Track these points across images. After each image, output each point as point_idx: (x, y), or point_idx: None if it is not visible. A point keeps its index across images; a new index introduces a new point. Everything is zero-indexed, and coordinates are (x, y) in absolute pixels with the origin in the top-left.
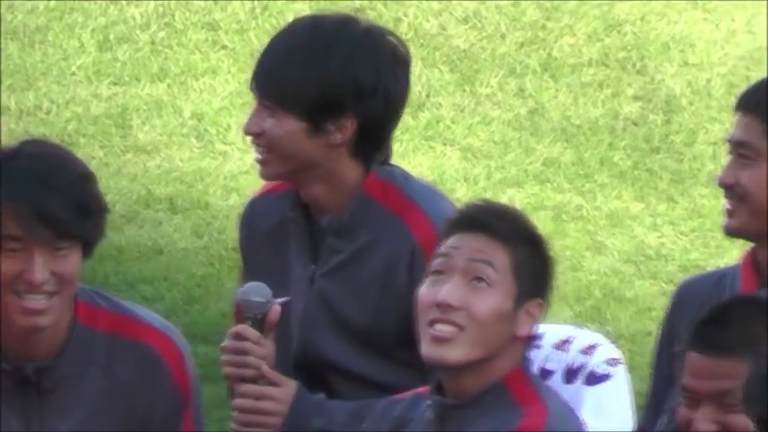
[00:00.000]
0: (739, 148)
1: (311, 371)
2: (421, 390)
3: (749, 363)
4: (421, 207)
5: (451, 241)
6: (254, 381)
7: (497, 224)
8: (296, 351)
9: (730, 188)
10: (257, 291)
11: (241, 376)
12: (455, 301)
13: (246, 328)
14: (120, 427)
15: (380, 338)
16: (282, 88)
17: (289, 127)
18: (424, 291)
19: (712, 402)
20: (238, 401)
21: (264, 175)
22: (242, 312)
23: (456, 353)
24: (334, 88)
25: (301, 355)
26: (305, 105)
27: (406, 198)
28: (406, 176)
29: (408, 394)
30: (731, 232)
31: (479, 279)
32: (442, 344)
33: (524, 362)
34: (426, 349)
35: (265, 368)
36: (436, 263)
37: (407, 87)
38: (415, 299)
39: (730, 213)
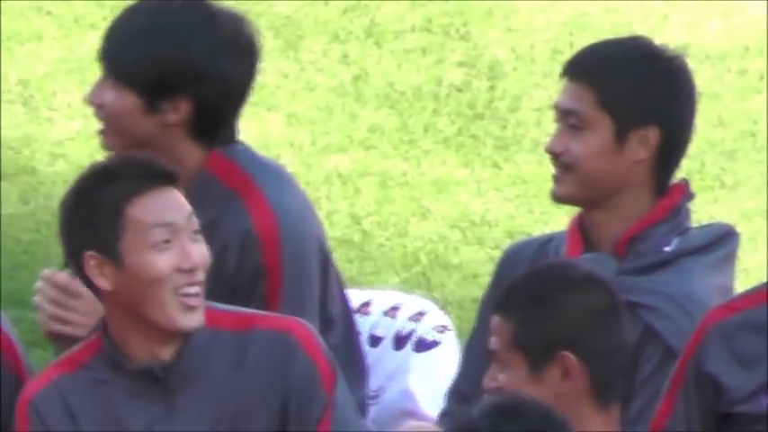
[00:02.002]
0: (569, 116)
1: None
2: None
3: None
4: (262, 190)
5: None
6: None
7: None
8: None
9: (558, 156)
10: None
11: (63, 336)
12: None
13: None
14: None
15: None
16: (122, 64)
17: (125, 102)
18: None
19: (494, 360)
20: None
21: (106, 146)
22: None
23: None
24: (169, 69)
25: None
26: (141, 83)
27: (248, 177)
28: (251, 155)
29: None
30: (560, 199)
31: None
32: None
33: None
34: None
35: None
36: None
37: (250, 74)
38: None
39: (557, 180)
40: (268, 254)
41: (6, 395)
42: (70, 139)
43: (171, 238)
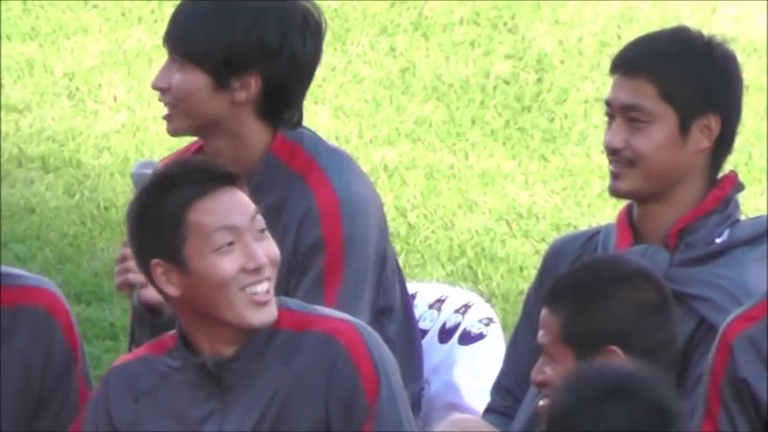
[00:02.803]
0: (629, 111)
1: None
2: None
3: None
4: (326, 173)
5: None
6: (142, 286)
7: None
8: None
9: (619, 151)
10: (151, 165)
11: (128, 282)
12: None
13: None
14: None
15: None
16: (191, 43)
17: (194, 82)
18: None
19: (542, 353)
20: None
21: (171, 131)
22: (134, 185)
23: None
24: (239, 45)
25: None
26: (211, 61)
27: (312, 160)
28: (315, 139)
29: None
30: (619, 194)
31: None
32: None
33: None
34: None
35: None
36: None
37: (317, 52)
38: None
39: (617, 176)
40: (328, 227)
41: (57, 367)
42: (116, 132)
43: (234, 239)
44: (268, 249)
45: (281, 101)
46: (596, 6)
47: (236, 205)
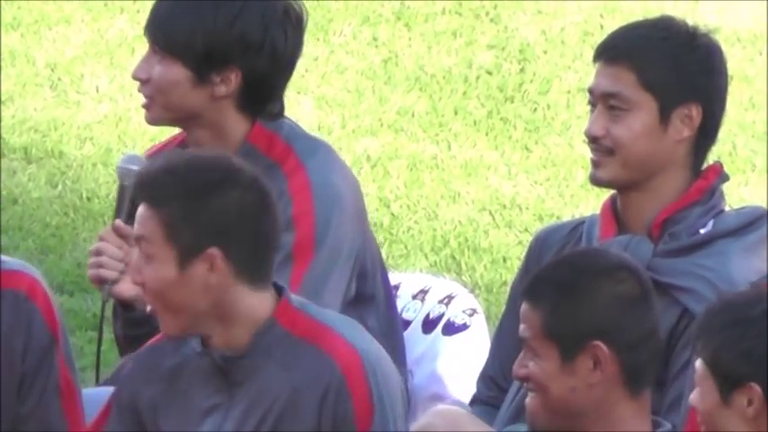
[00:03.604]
0: (608, 99)
1: None
2: None
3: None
4: (301, 160)
5: None
6: (114, 282)
7: None
8: None
9: (599, 139)
10: (136, 160)
11: (100, 277)
12: None
13: (109, 233)
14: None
15: None
16: (172, 36)
17: (175, 74)
18: None
19: (524, 347)
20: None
21: (149, 120)
22: (120, 179)
23: None
24: (220, 40)
25: None
26: (191, 55)
27: (289, 148)
28: (294, 129)
29: None
30: (601, 183)
31: None
32: None
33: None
34: None
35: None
36: None
37: (298, 46)
38: None
39: (597, 164)
40: (299, 209)
41: (38, 350)
42: (98, 123)
43: None
44: (147, 274)
45: (262, 95)
46: None
47: (138, 219)
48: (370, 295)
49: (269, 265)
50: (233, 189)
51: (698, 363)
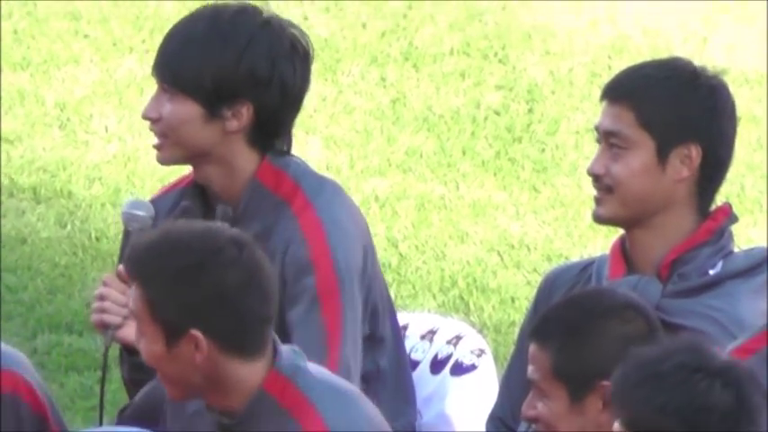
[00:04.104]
0: (609, 137)
1: None
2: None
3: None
4: (310, 199)
5: None
6: (117, 327)
7: None
8: None
9: (600, 177)
10: (142, 206)
11: (103, 322)
12: None
13: (112, 278)
14: None
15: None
16: (181, 73)
17: (186, 112)
18: None
19: (533, 389)
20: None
21: (161, 160)
22: (125, 224)
23: None
24: (228, 75)
25: None
26: (201, 91)
27: (297, 187)
28: (302, 167)
29: None
30: (601, 220)
31: None
32: None
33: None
34: None
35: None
36: None
37: (306, 79)
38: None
39: (598, 201)
40: (315, 251)
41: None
42: (107, 163)
43: None
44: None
45: (272, 129)
46: (587, 36)
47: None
48: (380, 336)
49: (259, 336)
50: (214, 270)
51: (615, 425)
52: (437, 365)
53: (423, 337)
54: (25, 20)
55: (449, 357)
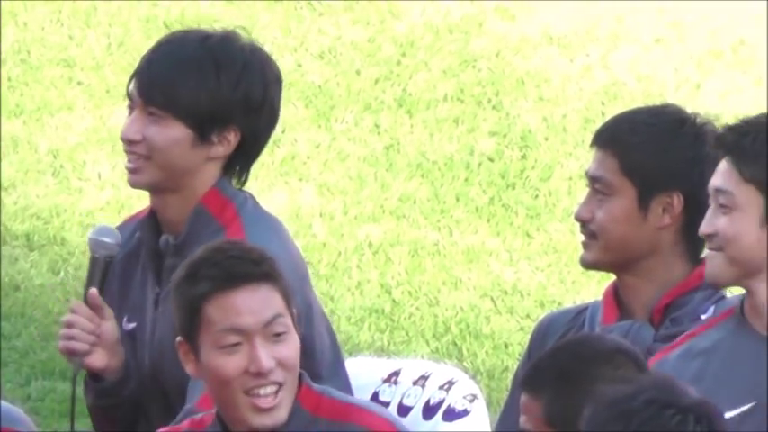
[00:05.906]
0: (595, 183)
1: (165, 396)
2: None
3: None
4: (243, 228)
5: None
6: (85, 354)
7: None
8: (148, 377)
9: (586, 223)
10: (108, 233)
11: (71, 349)
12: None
13: (80, 305)
14: None
15: None
16: (173, 97)
17: (174, 135)
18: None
19: None
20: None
21: (135, 183)
22: (91, 251)
23: None
24: (224, 101)
25: (152, 380)
26: (194, 115)
27: (237, 216)
28: (249, 201)
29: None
30: (587, 265)
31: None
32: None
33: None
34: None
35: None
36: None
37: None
38: None
39: (584, 246)
40: None
41: None
42: (100, 210)
43: (242, 340)
44: (281, 352)
45: (251, 156)
46: (580, 83)
47: (252, 307)
48: (318, 376)
49: None
50: None
51: None
52: (429, 411)
53: (415, 383)
54: (19, 67)
55: (441, 402)
